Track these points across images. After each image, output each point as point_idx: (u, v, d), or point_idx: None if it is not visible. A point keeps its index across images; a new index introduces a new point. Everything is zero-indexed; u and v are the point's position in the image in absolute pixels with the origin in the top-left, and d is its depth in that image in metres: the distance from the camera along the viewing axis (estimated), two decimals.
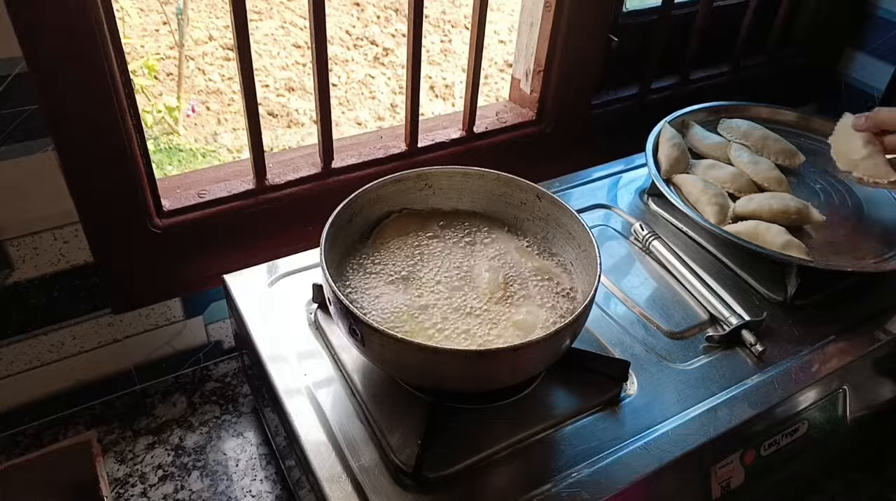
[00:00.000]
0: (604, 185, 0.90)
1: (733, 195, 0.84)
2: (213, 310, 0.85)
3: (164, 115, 2.33)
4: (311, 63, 0.76)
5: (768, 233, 0.76)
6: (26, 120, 0.62)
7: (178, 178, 0.81)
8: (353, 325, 0.53)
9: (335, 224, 0.62)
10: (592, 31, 0.91)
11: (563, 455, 0.58)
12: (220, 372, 0.87)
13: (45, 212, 0.67)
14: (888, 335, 0.72)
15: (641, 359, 0.66)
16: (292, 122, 2.49)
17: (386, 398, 0.61)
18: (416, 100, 0.85)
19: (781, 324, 0.72)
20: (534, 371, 0.60)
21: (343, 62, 2.78)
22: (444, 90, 2.75)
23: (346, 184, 0.84)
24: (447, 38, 3.01)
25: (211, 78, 2.59)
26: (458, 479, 0.56)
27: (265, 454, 0.78)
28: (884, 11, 1.16)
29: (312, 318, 0.69)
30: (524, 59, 0.96)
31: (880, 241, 0.80)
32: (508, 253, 0.67)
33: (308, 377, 0.63)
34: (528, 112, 0.98)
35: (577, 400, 0.62)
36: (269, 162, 0.81)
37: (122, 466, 0.75)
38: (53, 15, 0.58)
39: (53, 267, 0.71)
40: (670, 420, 0.61)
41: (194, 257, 0.79)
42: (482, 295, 0.62)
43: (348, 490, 0.54)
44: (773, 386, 0.65)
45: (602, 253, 0.61)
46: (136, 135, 0.69)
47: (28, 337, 0.74)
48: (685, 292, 0.75)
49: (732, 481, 0.64)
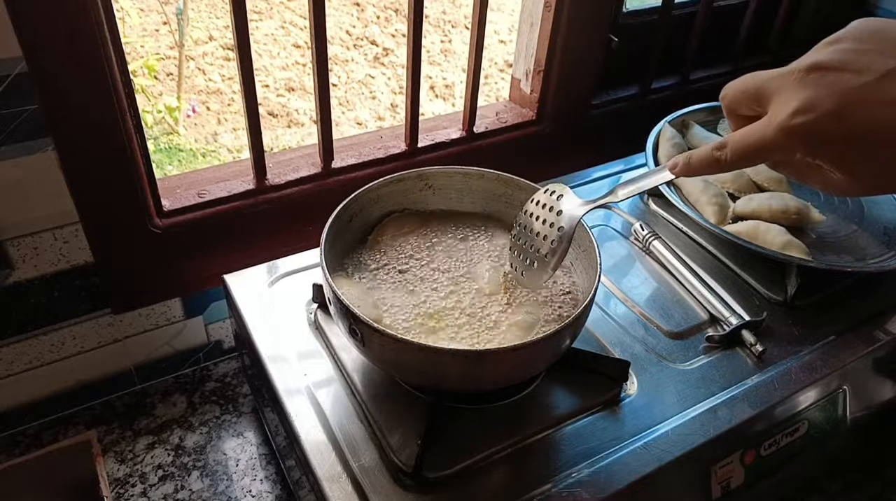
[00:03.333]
0: (604, 185, 0.90)
1: (733, 195, 0.85)
2: (213, 310, 0.85)
3: (164, 115, 2.33)
4: (311, 63, 0.76)
5: (768, 233, 0.76)
6: (26, 120, 0.62)
7: (178, 178, 0.81)
8: (353, 325, 0.53)
9: (335, 224, 0.62)
10: (592, 31, 0.91)
11: (563, 455, 0.58)
12: (220, 372, 0.87)
13: (45, 212, 0.67)
14: (888, 335, 0.72)
15: (641, 359, 0.66)
16: (292, 122, 2.49)
17: (386, 398, 0.61)
18: (416, 100, 0.85)
19: (781, 324, 0.72)
20: (534, 371, 0.60)
21: (343, 62, 2.78)
22: (444, 90, 2.75)
23: (346, 184, 0.83)
24: (447, 38, 3.01)
25: (211, 78, 2.59)
26: (458, 479, 0.56)
27: (265, 454, 0.78)
28: (884, 11, 1.16)
29: (312, 318, 0.69)
30: (524, 59, 0.96)
31: (880, 241, 0.80)
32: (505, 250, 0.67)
33: (308, 377, 0.63)
34: (528, 112, 0.98)
35: (577, 400, 0.62)
36: (269, 162, 0.81)
37: (122, 466, 0.75)
38: (53, 15, 0.58)
39: (53, 267, 0.71)
40: (670, 420, 0.61)
41: (194, 257, 0.79)
42: (482, 295, 0.62)
43: (348, 490, 0.54)
44: (773, 386, 0.65)
45: (602, 253, 0.61)
46: (136, 135, 0.69)
47: (28, 337, 0.74)
48: (685, 292, 0.75)
49: (732, 481, 0.64)
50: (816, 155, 0.40)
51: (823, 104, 0.38)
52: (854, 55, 0.39)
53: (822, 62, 0.39)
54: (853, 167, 0.40)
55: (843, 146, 0.39)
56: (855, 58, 0.38)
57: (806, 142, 0.40)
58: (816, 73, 0.39)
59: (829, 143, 0.39)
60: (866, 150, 0.39)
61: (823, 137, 0.39)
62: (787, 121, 0.40)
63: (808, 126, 0.39)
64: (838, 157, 0.40)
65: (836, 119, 0.38)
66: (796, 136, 0.40)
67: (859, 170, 0.40)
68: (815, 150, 0.40)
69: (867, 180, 0.40)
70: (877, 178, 0.40)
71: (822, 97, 0.39)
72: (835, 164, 0.40)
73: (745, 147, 0.43)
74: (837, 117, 0.38)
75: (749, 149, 0.43)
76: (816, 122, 0.39)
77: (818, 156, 0.40)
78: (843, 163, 0.40)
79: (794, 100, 0.40)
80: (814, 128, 0.39)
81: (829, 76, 0.39)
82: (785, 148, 0.41)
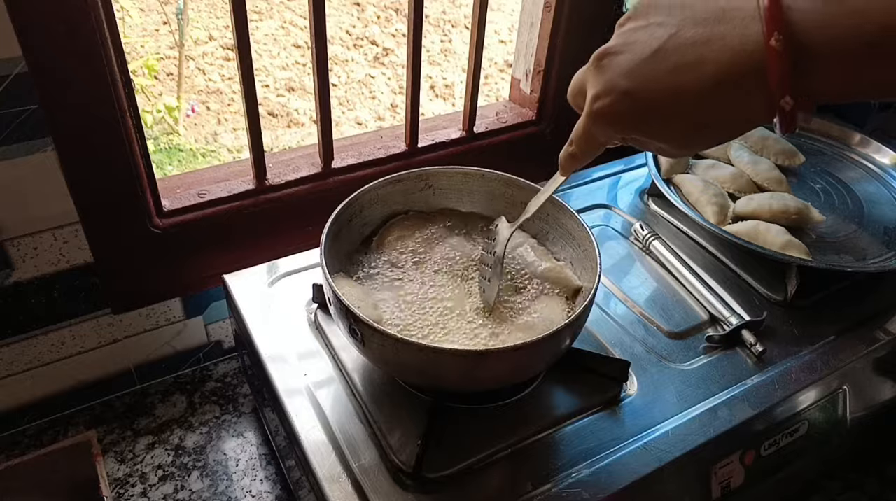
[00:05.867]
0: (604, 185, 0.90)
1: (733, 195, 0.85)
2: (213, 310, 0.85)
3: (164, 115, 2.33)
4: (311, 63, 0.76)
5: (768, 233, 0.76)
6: (26, 120, 0.62)
7: (178, 178, 0.81)
8: (353, 325, 0.53)
9: (335, 224, 0.62)
10: (592, 31, 0.91)
11: (563, 455, 0.58)
12: (220, 372, 0.87)
13: (45, 212, 0.67)
14: (888, 335, 0.72)
15: (641, 359, 0.66)
16: (292, 122, 2.49)
17: (386, 398, 0.61)
18: (416, 100, 0.85)
19: (781, 324, 0.72)
20: (534, 371, 0.60)
21: (343, 62, 2.78)
22: (444, 90, 2.75)
23: (346, 184, 0.83)
24: (447, 38, 3.01)
25: (211, 78, 2.59)
26: (458, 479, 0.56)
27: (265, 454, 0.78)
28: None
29: (312, 318, 0.69)
30: (524, 59, 0.96)
31: (880, 241, 0.80)
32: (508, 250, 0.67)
33: (308, 377, 0.63)
34: (528, 112, 0.98)
35: (577, 400, 0.62)
36: (269, 162, 0.81)
37: (122, 466, 0.75)
38: (53, 15, 0.58)
39: (53, 267, 0.71)
40: (670, 420, 0.61)
41: (194, 257, 0.79)
42: (482, 295, 0.62)
43: (348, 490, 0.54)
44: (773, 386, 0.65)
45: (602, 253, 0.61)
46: (136, 135, 0.69)
47: (28, 337, 0.74)
48: (685, 292, 0.75)
49: (732, 481, 0.64)
50: (625, 131, 0.43)
51: (617, 86, 0.41)
52: (634, 34, 0.41)
53: (609, 48, 0.42)
54: (661, 135, 0.42)
55: (641, 120, 0.42)
56: (634, 37, 0.41)
57: (610, 124, 0.43)
58: (606, 59, 0.42)
59: (629, 120, 0.42)
60: (660, 118, 0.41)
61: (623, 116, 0.42)
62: (590, 108, 0.43)
63: (607, 109, 0.42)
64: (644, 130, 0.43)
65: (628, 97, 0.41)
66: (601, 119, 0.43)
67: (667, 137, 0.42)
68: (622, 128, 0.43)
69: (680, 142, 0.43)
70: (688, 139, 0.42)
71: (614, 80, 0.41)
72: (646, 135, 0.43)
73: (578, 138, 0.47)
74: (628, 95, 0.41)
75: (581, 140, 0.47)
76: (613, 104, 0.42)
77: (627, 132, 0.43)
78: (651, 133, 0.43)
79: (593, 88, 0.43)
80: (612, 109, 0.42)
81: (616, 59, 0.42)
82: (599, 130, 0.44)
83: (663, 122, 0.41)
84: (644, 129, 0.42)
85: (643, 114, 0.41)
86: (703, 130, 0.41)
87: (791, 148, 0.90)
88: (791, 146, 0.90)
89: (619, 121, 0.43)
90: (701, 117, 0.40)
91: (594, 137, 0.45)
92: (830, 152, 0.95)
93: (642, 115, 0.41)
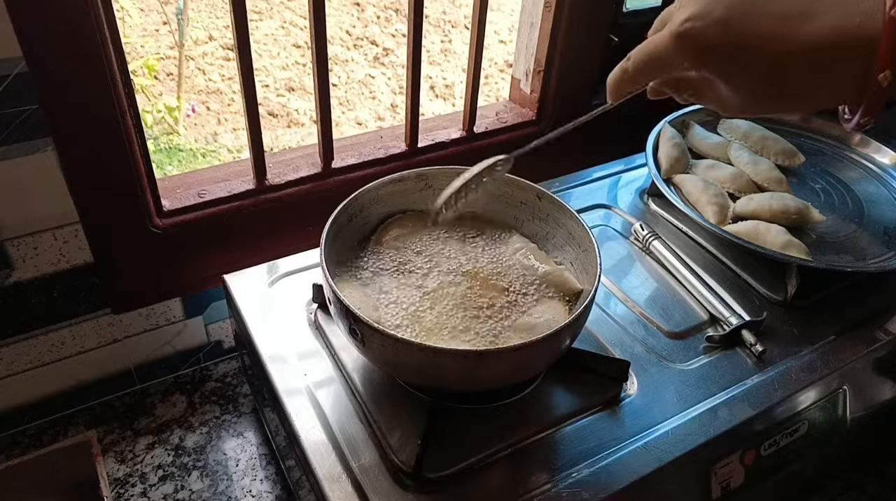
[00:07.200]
0: (604, 185, 0.90)
1: (733, 195, 0.84)
2: (213, 310, 0.85)
3: (164, 115, 2.33)
4: (311, 63, 0.76)
5: (768, 233, 0.76)
6: (26, 120, 0.62)
7: (178, 178, 0.81)
8: (353, 325, 0.53)
9: (335, 224, 0.62)
10: (592, 31, 0.91)
11: (563, 455, 0.58)
12: (220, 372, 0.87)
13: (45, 212, 0.67)
14: (888, 335, 0.72)
15: (641, 359, 0.66)
16: (292, 122, 2.49)
17: (386, 398, 0.61)
18: (416, 100, 0.85)
19: (781, 324, 0.72)
20: (534, 371, 0.60)
21: (343, 62, 2.78)
22: (444, 90, 2.75)
23: (346, 184, 0.83)
24: (447, 38, 3.01)
25: (211, 78, 2.59)
26: (458, 479, 0.56)
27: (265, 454, 0.78)
28: None
29: (312, 318, 0.69)
30: (524, 59, 0.96)
31: (880, 241, 0.80)
32: (508, 253, 0.67)
33: (308, 377, 0.63)
34: (528, 112, 0.98)
35: (577, 400, 0.62)
36: (269, 162, 0.81)
37: (122, 466, 0.75)
38: (53, 15, 0.58)
39: (53, 267, 0.71)
40: (670, 420, 0.61)
41: (194, 257, 0.79)
42: (482, 295, 0.62)
43: (348, 490, 0.54)
44: (773, 386, 0.65)
45: (602, 253, 0.61)
46: (136, 135, 0.69)
47: (28, 337, 0.74)
48: (685, 292, 0.75)
49: (732, 481, 0.64)
50: (702, 63, 0.42)
51: (713, 12, 0.40)
52: None
53: None
54: (735, 78, 0.41)
55: (727, 55, 0.41)
56: None
57: (693, 49, 0.41)
58: None
59: (714, 52, 0.41)
60: (745, 59, 0.40)
61: (709, 44, 0.41)
62: (678, 28, 0.42)
63: (697, 32, 0.41)
64: (723, 68, 0.41)
65: (723, 26, 0.40)
66: (685, 41, 0.41)
67: (740, 82, 0.41)
68: (700, 58, 0.42)
69: (749, 93, 0.42)
70: (758, 92, 0.41)
71: (713, 6, 0.40)
72: (719, 74, 0.42)
73: (643, 55, 0.45)
74: (724, 24, 0.40)
75: (646, 57, 0.45)
76: (705, 29, 0.40)
77: (704, 64, 0.42)
78: (729, 74, 0.41)
79: (688, 10, 0.41)
80: (702, 34, 0.41)
81: None
82: (675, 54, 0.42)
83: (747, 66, 0.40)
84: (724, 68, 0.41)
85: (732, 50, 0.40)
86: (785, 89, 0.40)
87: (791, 148, 0.90)
88: (791, 146, 0.90)
89: (702, 48, 0.41)
90: (792, 73, 0.39)
91: (661, 59, 0.43)
92: (830, 152, 0.95)
93: (730, 51, 0.40)
